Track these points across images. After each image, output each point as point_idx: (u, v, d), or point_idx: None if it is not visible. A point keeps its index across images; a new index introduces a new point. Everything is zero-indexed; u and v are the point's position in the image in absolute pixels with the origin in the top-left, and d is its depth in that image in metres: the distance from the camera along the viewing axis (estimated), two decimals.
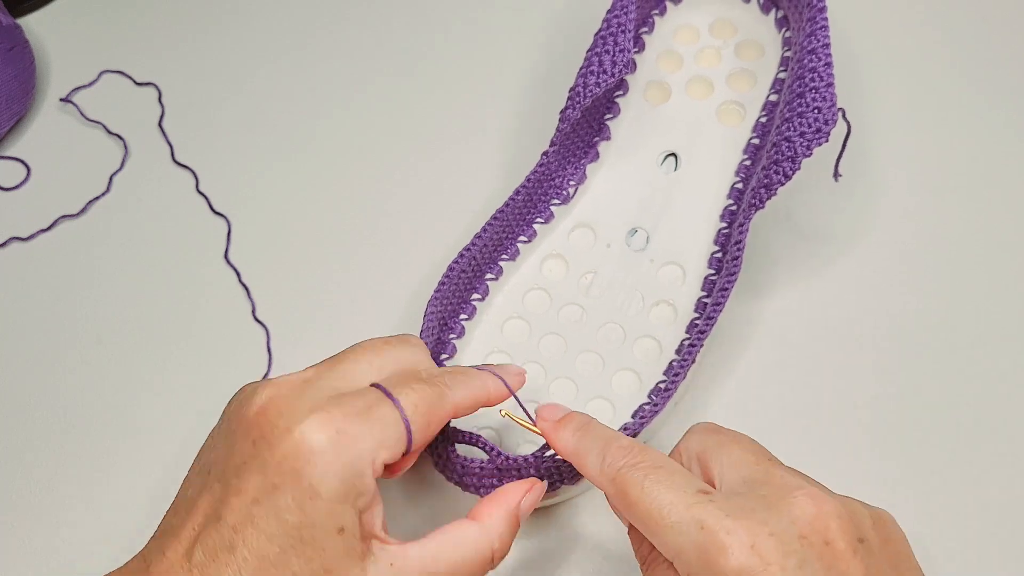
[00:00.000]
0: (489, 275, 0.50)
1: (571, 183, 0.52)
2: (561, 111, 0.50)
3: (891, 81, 0.58)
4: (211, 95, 0.61)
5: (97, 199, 0.58)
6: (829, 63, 0.46)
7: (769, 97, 0.52)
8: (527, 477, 0.41)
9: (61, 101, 0.61)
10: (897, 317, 0.50)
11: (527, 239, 0.51)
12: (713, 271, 0.49)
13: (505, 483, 0.41)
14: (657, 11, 0.55)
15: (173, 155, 0.59)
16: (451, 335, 0.48)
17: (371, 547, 0.36)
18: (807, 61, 0.47)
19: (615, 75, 0.49)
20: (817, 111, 0.45)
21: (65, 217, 0.57)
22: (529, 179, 0.50)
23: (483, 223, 0.49)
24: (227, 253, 0.55)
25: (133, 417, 0.50)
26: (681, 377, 0.45)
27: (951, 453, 0.47)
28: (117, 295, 0.54)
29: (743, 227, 0.47)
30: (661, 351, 0.48)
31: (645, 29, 0.55)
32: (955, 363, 0.49)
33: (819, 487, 0.35)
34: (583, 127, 0.52)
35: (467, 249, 0.48)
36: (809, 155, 0.45)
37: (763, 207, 0.46)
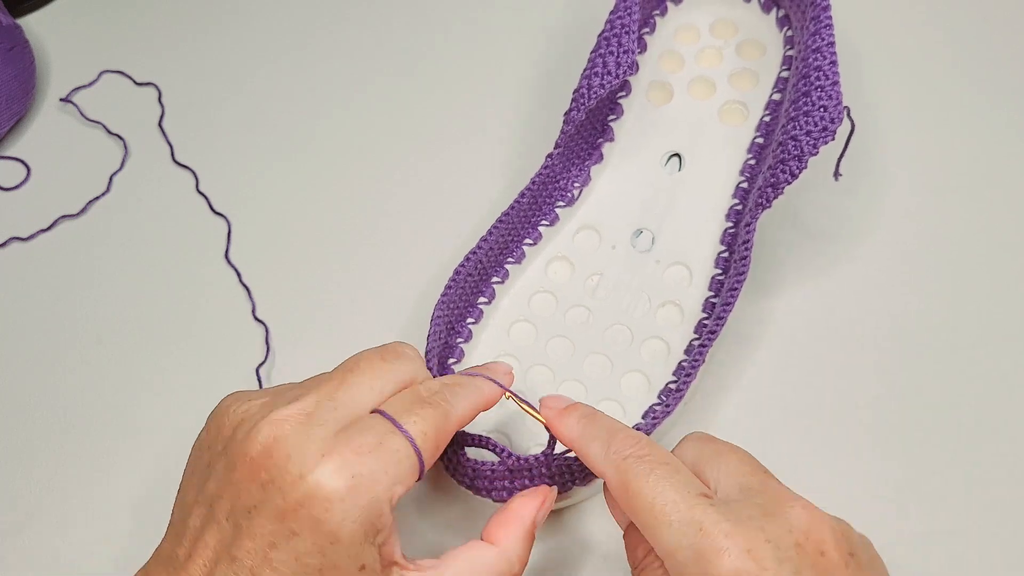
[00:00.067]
0: (495, 278, 0.50)
1: (575, 185, 0.52)
2: (565, 113, 0.50)
3: (894, 81, 0.58)
4: (211, 95, 0.61)
5: (97, 199, 0.57)
6: (834, 61, 0.46)
7: (772, 96, 0.52)
8: (538, 477, 0.41)
9: (61, 101, 0.61)
10: (905, 316, 0.50)
11: (532, 242, 0.51)
12: (720, 271, 0.49)
13: (516, 484, 0.41)
14: (658, 11, 0.55)
15: (173, 155, 0.59)
16: (458, 339, 0.48)
17: (391, 574, 0.35)
18: (812, 60, 0.47)
19: (619, 76, 0.49)
20: (823, 109, 0.45)
21: (65, 217, 0.57)
22: (534, 182, 0.50)
23: (487, 225, 0.49)
24: (227, 253, 0.55)
25: (133, 417, 0.50)
26: (692, 378, 0.45)
27: (957, 453, 0.47)
28: (117, 295, 0.54)
29: (750, 226, 0.47)
30: (669, 352, 0.48)
31: (646, 30, 0.55)
32: (962, 362, 0.49)
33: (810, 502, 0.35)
34: (586, 129, 0.52)
35: (473, 253, 0.48)
36: (816, 154, 0.45)
37: (770, 206, 0.46)
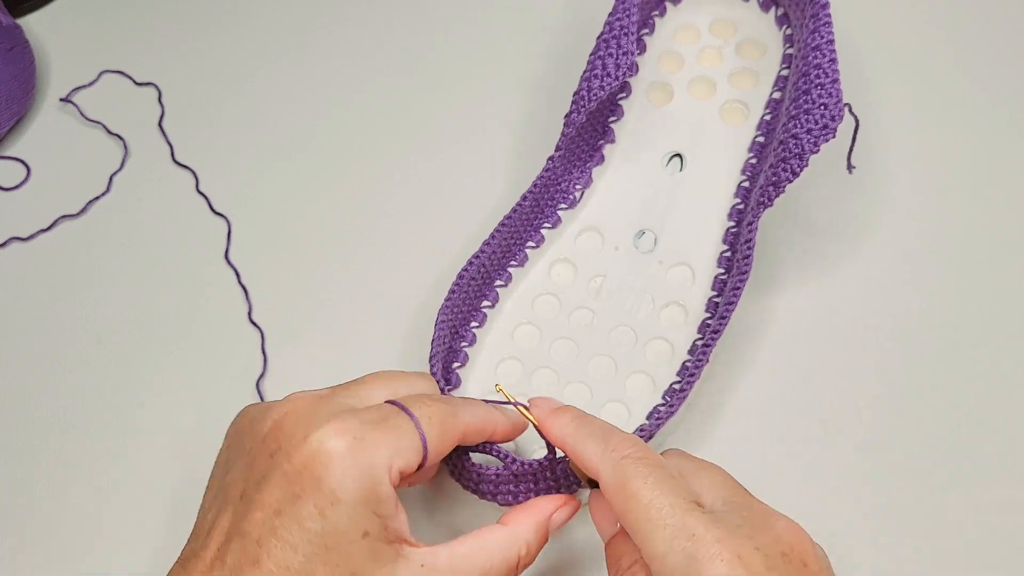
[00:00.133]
0: (498, 282, 0.50)
1: (577, 187, 0.52)
2: (566, 116, 0.50)
3: (896, 79, 0.58)
4: (211, 95, 0.61)
5: (97, 199, 0.57)
6: (834, 59, 0.46)
7: (772, 95, 0.52)
8: (542, 480, 0.41)
9: (61, 101, 0.61)
10: (907, 315, 0.50)
11: (535, 244, 0.51)
12: (722, 270, 0.49)
13: (521, 488, 0.41)
14: (657, 12, 0.55)
15: (173, 155, 0.59)
16: (462, 343, 0.48)
17: (400, 551, 0.36)
18: (812, 58, 0.47)
19: (619, 78, 0.49)
20: (824, 107, 0.45)
21: (65, 217, 0.57)
22: (535, 184, 0.50)
23: (488, 227, 0.49)
24: (227, 253, 0.55)
25: (133, 417, 0.50)
26: (696, 378, 0.45)
27: (959, 452, 0.47)
28: (117, 295, 0.54)
29: (752, 225, 0.47)
30: (673, 352, 0.48)
31: (646, 30, 0.55)
32: (965, 361, 0.49)
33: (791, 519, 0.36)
34: (587, 131, 0.52)
35: (476, 256, 0.48)
36: (817, 151, 0.45)
37: (772, 205, 0.46)
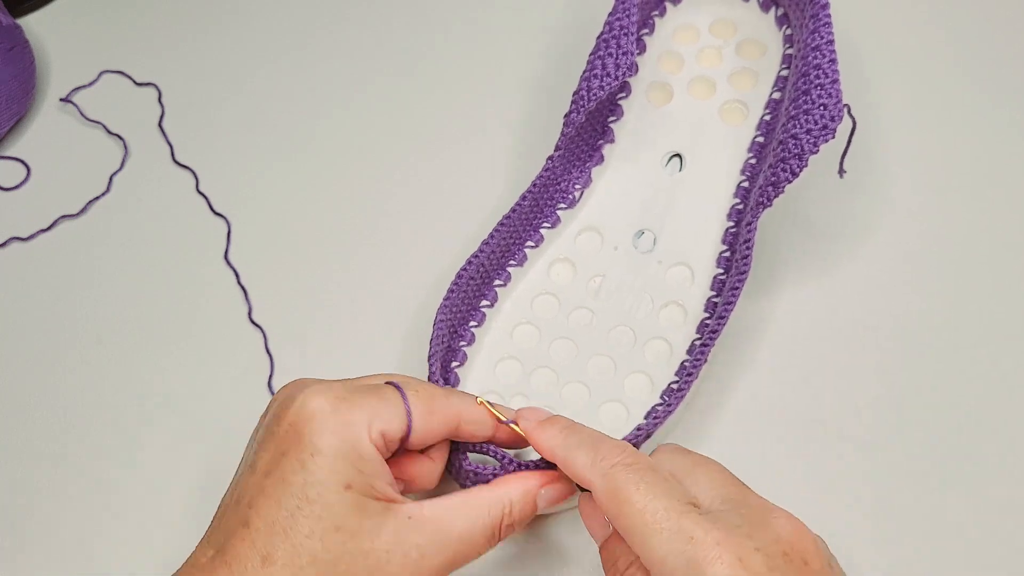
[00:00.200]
0: (497, 281, 0.50)
1: (576, 187, 0.52)
2: (565, 115, 0.50)
3: (895, 79, 0.58)
4: (211, 95, 0.61)
5: (97, 199, 0.57)
6: (834, 59, 0.46)
7: (772, 95, 0.52)
8: None
9: (61, 101, 0.61)
10: (906, 315, 0.50)
11: (534, 244, 0.51)
12: (722, 270, 0.49)
13: None
14: (657, 12, 0.55)
15: (173, 155, 0.59)
16: (461, 342, 0.48)
17: (388, 507, 0.36)
18: (811, 58, 0.47)
19: (619, 78, 0.49)
20: (823, 108, 0.45)
21: (65, 217, 0.57)
22: (535, 184, 0.50)
23: (488, 227, 0.49)
24: (227, 253, 0.55)
25: (133, 417, 0.50)
26: (694, 377, 0.45)
27: (958, 452, 0.47)
28: (117, 295, 0.54)
29: (751, 226, 0.47)
30: (672, 352, 0.48)
31: (645, 30, 0.55)
32: (964, 362, 0.49)
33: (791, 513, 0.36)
34: (587, 130, 0.52)
35: (475, 256, 0.48)
36: (816, 152, 0.45)
37: (771, 205, 0.46)
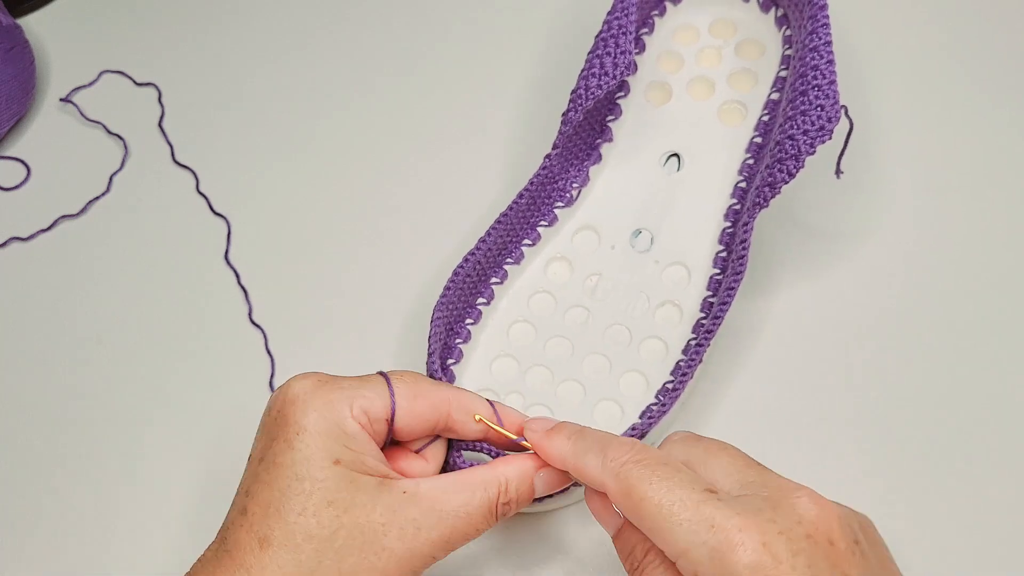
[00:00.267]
0: (494, 279, 0.50)
1: (574, 185, 0.52)
2: (563, 114, 0.50)
3: (893, 79, 0.58)
4: (211, 95, 0.61)
5: (97, 199, 0.57)
6: (831, 60, 0.46)
7: (771, 96, 0.52)
8: None
9: (61, 101, 0.61)
10: (903, 316, 0.50)
11: (531, 242, 0.51)
12: (718, 270, 0.49)
13: None
14: (657, 12, 0.55)
15: (173, 155, 0.59)
16: (457, 340, 0.48)
17: (382, 481, 0.37)
18: (809, 59, 0.47)
19: (616, 77, 0.49)
20: (820, 108, 0.45)
21: (65, 217, 0.57)
22: (532, 182, 0.50)
23: (486, 226, 0.49)
24: (227, 254, 0.55)
25: (133, 417, 0.50)
26: (689, 377, 0.45)
27: (955, 452, 0.47)
28: (117, 295, 0.54)
29: (747, 226, 0.46)
30: (667, 352, 0.48)
31: (645, 30, 0.55)
32: (961, 362, 0.49)
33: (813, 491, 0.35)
34: (585, 129, 0.52)
35: (471, 253, 0.48)
36: (813, 153, 0.45)
37: (767, 206, 0.46)
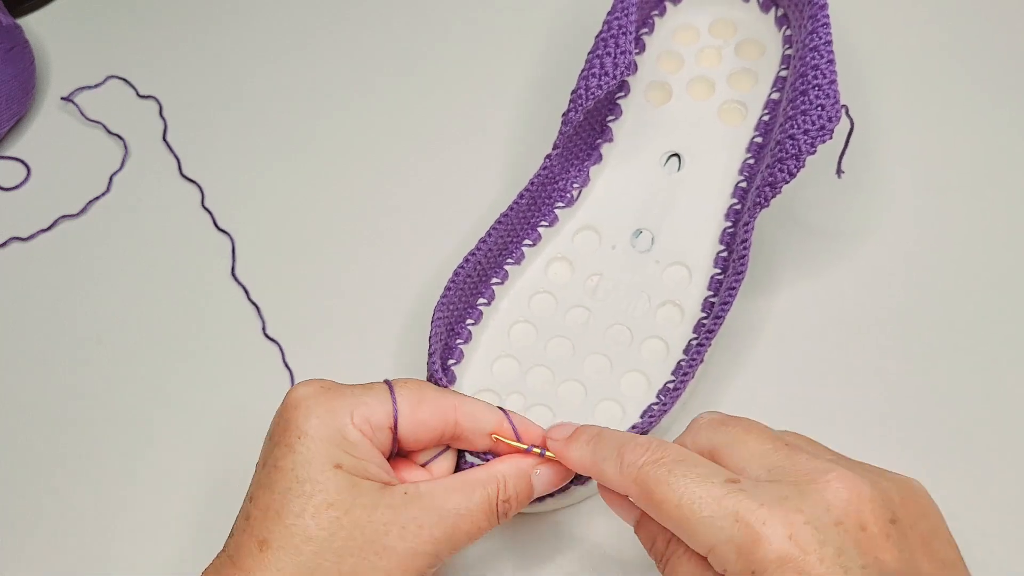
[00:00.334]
0: (495, 279, 0.50)
1: (574, 185, 0.52)
2: (563, 114, 0.50)
3: (894, 78, 0.58)
4: (211, 95, 0.61)
5: (97, 199, 0.57)
6: (832, 60, 0.46)
7: (771, 95, 0.52)
8: None
9: (62, 101, 0.61)
10: (904, 316, 0.50)
11: (532, 243, 0.51)
12: (719, 270, 0.49)
13: None
14: (657, 12, 0.55)
15: (174, 157, 0.59)
16: (458, 340, 0.48)
17: (383, 486, 0.37)
18: (809, 58, 0.47)
19: (616, 77, 0.49)
20: (820, 108, 0.45)
21: (65, 217, 0.57)
22: (532, 182, 0.50)
23: (486, 226, 0.49)
24: (233, 270, 0.55)
25: (133, 417, 0.50)
26: (690, 377, 0.45)
27: (956, 452, 0.47)
28: (117, 295, 0.54)
29: (748, 226, 0.46)
30: (668, 351, 0.48)
31: (645, 30, 0.55)
32: (962, 361, 0.49)
33: (844, 464, 0.34)
34: (585, 129, 0.52)
35: (472, 254, 0.48)
36: (813, 152, 0.45)
37: (768, 205, 0.46)
